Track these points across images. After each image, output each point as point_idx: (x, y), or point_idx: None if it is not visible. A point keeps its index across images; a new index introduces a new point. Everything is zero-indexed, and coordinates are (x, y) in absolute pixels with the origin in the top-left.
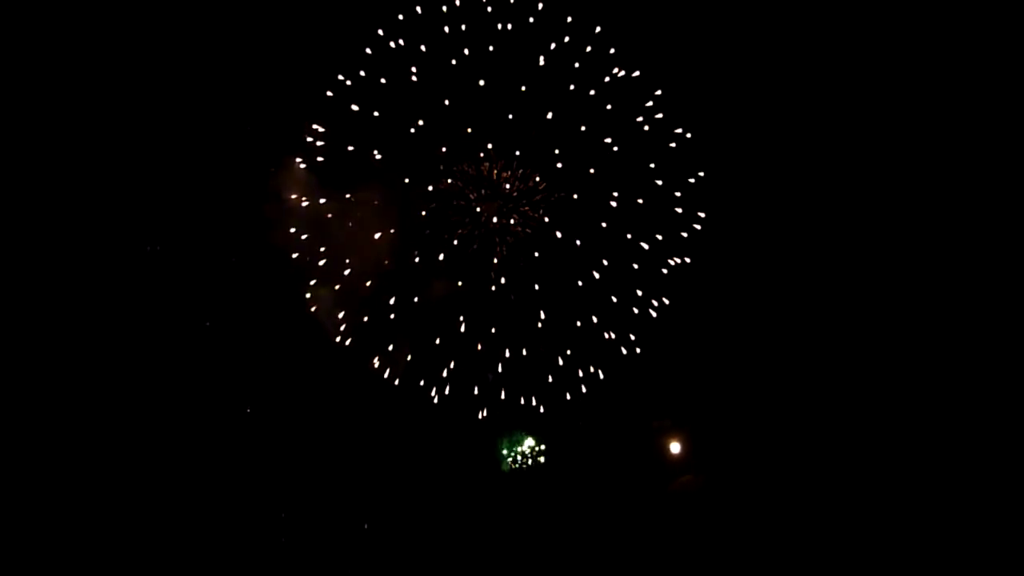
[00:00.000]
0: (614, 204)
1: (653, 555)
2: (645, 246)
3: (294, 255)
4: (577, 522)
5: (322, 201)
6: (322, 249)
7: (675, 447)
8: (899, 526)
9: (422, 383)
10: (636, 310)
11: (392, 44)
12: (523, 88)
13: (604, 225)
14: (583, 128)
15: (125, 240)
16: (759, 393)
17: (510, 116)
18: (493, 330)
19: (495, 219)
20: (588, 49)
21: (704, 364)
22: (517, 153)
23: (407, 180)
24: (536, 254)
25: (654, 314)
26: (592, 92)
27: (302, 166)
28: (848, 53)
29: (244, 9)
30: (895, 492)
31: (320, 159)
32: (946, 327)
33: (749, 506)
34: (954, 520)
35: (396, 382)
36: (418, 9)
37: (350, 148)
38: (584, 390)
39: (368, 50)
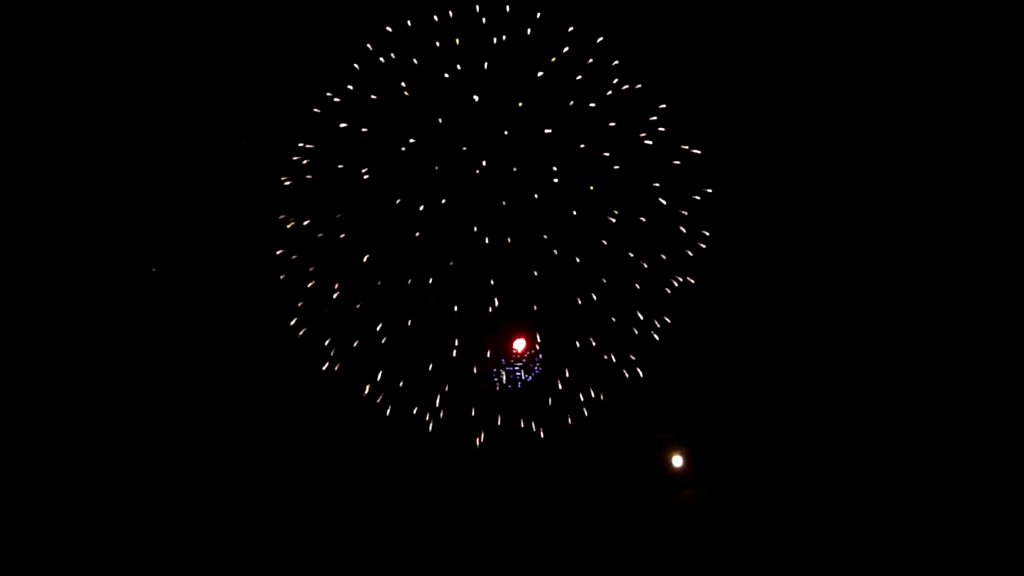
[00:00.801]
0: (615, 222)
1: (655, 570)
2: (646, 265)
3: (280, 277)
4: (578, 536)
5: (308, 221)
6: (310, 270)
7: (677, 461)
8: (903, 539)
9: (415, 410)
10: (637, 331)
11: (382, 59)
12: (520, 104)
13: (604, 243)
14: (583, 144)
15: (108, 261)
16: (761, 405)
17: (506, 132)
18: (488, 353)
19: (488, 239)
20: (589, 61)
21: (706, 377)
22: (514, 170)
23: (398, 200)
24: (535, 272)
25: (656, 336)
26: (592, 105)
27: (288, 184)
28: (861, 68)
29: (228, 22)
30: (899, 504)
31: (308, 177)
32: (956, 351)
33: (752, 519)
34: (957, 530)
35: (388, 410)
36: (408, 22)
37: (339, 166)
38: (585, 413)
39: (357, 65)
